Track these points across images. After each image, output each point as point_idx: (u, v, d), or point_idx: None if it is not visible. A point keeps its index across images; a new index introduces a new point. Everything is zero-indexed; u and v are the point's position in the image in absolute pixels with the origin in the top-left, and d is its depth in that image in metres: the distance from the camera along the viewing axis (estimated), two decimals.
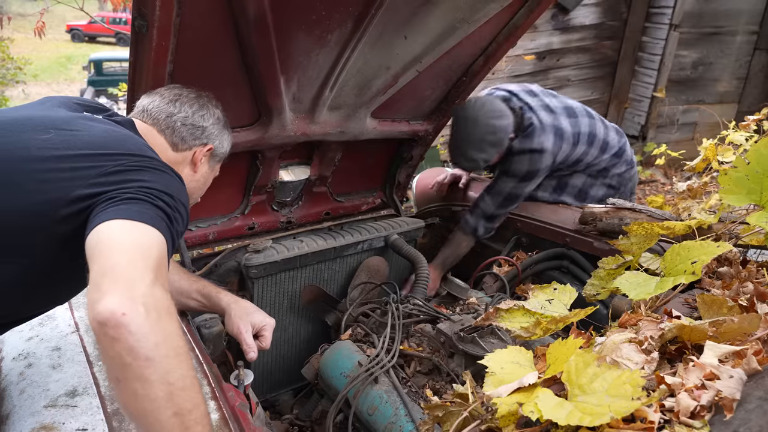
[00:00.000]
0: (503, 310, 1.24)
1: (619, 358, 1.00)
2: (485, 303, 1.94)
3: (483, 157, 2.17)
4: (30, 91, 12.97)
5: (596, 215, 2.09)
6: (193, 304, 1.57)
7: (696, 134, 6.32)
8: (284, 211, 2.31)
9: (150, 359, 0.79)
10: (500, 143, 2.15)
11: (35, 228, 0.97)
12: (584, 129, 2.28)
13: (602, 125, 2.38)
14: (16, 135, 1.03)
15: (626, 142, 2.46)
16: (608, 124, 2.45)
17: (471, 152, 2.17)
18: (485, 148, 2.15)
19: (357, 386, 1.48)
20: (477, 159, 2.18)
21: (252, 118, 1.83)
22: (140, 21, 1.30)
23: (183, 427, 0.82)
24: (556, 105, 2.32)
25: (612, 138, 2.38)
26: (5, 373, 1.26)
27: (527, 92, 2.37)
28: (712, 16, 5.91)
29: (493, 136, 2.12)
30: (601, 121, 2.40)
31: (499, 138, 2.14)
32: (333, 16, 1.56)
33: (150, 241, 0.90)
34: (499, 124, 2.13)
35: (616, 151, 2.38)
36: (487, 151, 2.16)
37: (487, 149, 2.15)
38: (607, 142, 2.36)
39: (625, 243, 1.54)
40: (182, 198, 1.05)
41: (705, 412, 0.85)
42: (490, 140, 2.13)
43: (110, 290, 0.80)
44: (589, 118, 2.34)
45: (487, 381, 0.99)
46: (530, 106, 2.26)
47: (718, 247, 1.23)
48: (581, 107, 2.40)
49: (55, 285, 1.10)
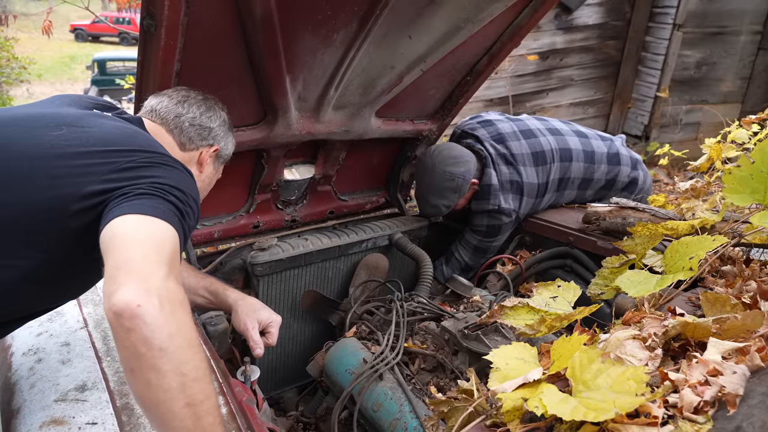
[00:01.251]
0: (508, 307, 1.25)
1: (623, 354, 1.01)
2: (489, 301, 1.95)
3: (444, 203, 2.22)
4: (34, 90, 13.00)
5: (600, 214, 2.10)
6: (201, 300, 1.59)
7: (699, 134, 6.31)
8: (289, 209, 2.32)
9: (164, 350, 0.80)
10: (459, 189, 2.19)
11: (48, 223, 0.99)
12: (554, 176, 2.31)
13: (600, 141, 2.41)
14: (28, 131, 1.05)
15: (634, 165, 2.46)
16: (626, 156, 2.45)
17: (432, 199, 2.24)
18: (445, 194, 2.20)
19: (362, 383, 1.50)
20: (438, 205, 2.24)
21: (257, 117, 1.84)
22: (149, 20, 1.32)
23: (195, 418, 0.83)
24: (523, 152, 2.29)
25: (622, 154, 2.42)
26: (15, 368, 1.28)
27: (495, 138, 2.33)
28: (716, 15, 5.90)
29: (451, 182, 2.17)
30: (599, 138, 2.43)
31: (457, 184, 2.18)
32: (339, 15, 1.58)
33: (163, 236, 0.91)
34: (456, 171, 2.17)
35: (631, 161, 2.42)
36: (448, 197, 2.21)
37: (447, 195, 2.20)
38: (618, 154, 2.39)
39: (630, 244, 1.55)
40: (193, 193, 1.07)
41: (708, 407, 0.86)
42: (449, 186, 2.18)
43: (126, 282, 0.81)
44: (579, 138, 2.37)
45: (492, 376, 1.00)
46: (492, 159, 2.27)
47: (714, 241, 1.24)
48: (568, 128, 2.42)
49: (67, 280, 1.11)
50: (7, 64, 9.02)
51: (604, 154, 2.40)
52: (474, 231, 2.32)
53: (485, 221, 2.26)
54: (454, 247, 2.41)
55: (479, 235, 2.31)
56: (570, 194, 2.42)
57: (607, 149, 2.40)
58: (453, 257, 2.40)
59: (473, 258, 2.36)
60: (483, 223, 2.27)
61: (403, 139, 2.42)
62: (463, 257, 2.37)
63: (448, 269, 2.39)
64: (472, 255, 2.36)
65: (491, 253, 2.37)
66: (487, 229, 2.27)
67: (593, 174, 2.38)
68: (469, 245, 2.35)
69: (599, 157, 2.39)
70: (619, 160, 2.41)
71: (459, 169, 2.17)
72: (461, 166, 2.18)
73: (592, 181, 2.40)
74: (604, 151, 2.41)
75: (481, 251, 2.35)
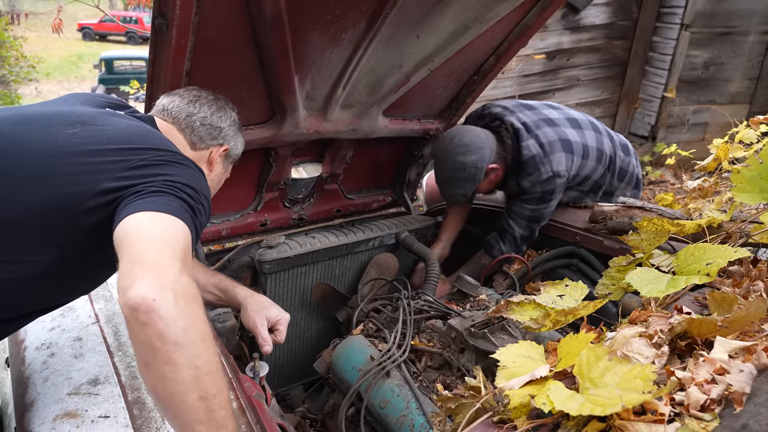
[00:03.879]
0: (514, 303, 1.26)
1: (630, 352, 1.02)
2: (495, 300, 1.96)
3: (460, 192, 2.19)
4: (42, 89, 13.09)
5: (606, 214, 2.10)
6: (210, 297, 1.60)
7: (707, 135, 6.28)
8: (296, 208, 2.34)
9: (178, 343, 0.81)
10: (473, 177, 2.13)
11: (64, 220, 1.00)
12: (591, 143, 2.22)
13: (609, 141, 2.32)
14: (44, 129, 1.07)
15: (632, 161, 2.40)
16: (615, 139, 2.38)
17: (447, 189, 2.22)
18: (458, 183, 2.16)
19: (369, 380, 1.51)
20: (454, 194, 2.21)
21: (266, 116, 1.86)
22: (160, 19, 1.33)
23: (207, 411, 0.84)
24: (558, 117, 2.25)
25: (619, 157, 2.33)
26: (29, 362, 1.30)
27: (526, 106, 2.29)
28: (725, 16, 5.87)
29: (462, 172, 2.12)
30: (608, 137, 2.33)
31: (470, 173, 2.12)
32: (347, 15, 1.59)
33: (177, 232, 0.93)
34: (466, 160, 2.11)
35: (621, 172, 2.34)
36: (462, 186, 2.16)
37: (460, 184, 2.16)
38: (614, 161, 2.30)
39: (636, 239, 1.55)
40: (204, 191, 1.08)
41: (715, 405, 0.86)
42: (462, 176, 2.13)
43: (141, 277, 0.83)
44: (595, 132, 2.28)
45: (499, 374, 1.01)
46: (527, 127, 2.17)
47: (735, 252, 1.24)
48: (586, 119, 2.34)
49: (80, 276, 1.13)
50: (16, 62, 9.08)
51: (627, 162, 2.36)
52: (525, 201, 2.20)
53: (538, 189, 2.14)
54: (505, 223, 2.29)
55: (532, 203, 2.19)
56: (600, 171, 2.27)
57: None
58: (506, 233, 2.29)
59: (528, 229, 2.25)
60: (536, 191, 2.15)
61: (410, 138, 2.43)
62: (517, 229, 2.26)
63: (506, 246, 2.30)
64: (527, 225, 2.25)
65: (545, 220, 2.25)
66: (541, 195, 2.15)
67: (615, 164, 2.33)
68: (522, 216, 2.24)
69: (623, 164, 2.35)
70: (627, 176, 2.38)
71: (470, 158, 2.10)
72: (473, 154, 2.10)
73: (613, 169, 2.33)
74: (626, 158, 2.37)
75: (535, 219, 2.23)
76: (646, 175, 6.03)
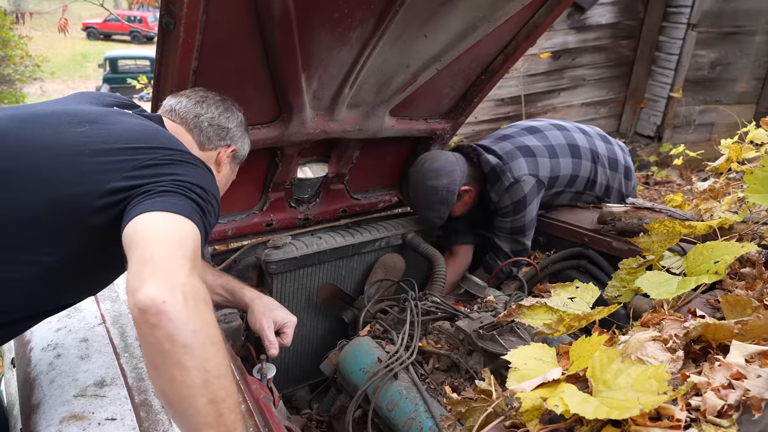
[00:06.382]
0: (526, 306, 1.25)
1: (644, 356, 1.00)
2: (503, 301, 1.94)
3: (435, 215, 2.21)
4: (47, 88, 13.12)
5: (615, 215, 2.08)
6: (217, 298, 1.59)
7: (713, 135, 6.25)
8: (302, 208, 2.33)
9: (188, 346, 0.80)
10: (446, 200, 2.17)
11: (72, 219, 0.99)
12: (557, 141, 2.26)
13: (582, 135, 2.35)
14: (52, 128, 1.06)
15: (615, 149, 2.43)
16: (590, 131, 2.41)
17: (423, 212, 2.26)
18: (433, 207, 2.19)
19: (377, 382, 1.49)
20: (430, 218, 2.24)
21: (273, 115, 1.84)
22: (168, 18, 1.33)
23: (217, 414, 0.83)
24: (513, 131, 2.33)
25: (602, 147, 2.35)
26: (35, 363, 1.29)
27: (493, 135, 2.39)
28: (731, 15, 5.83)
29: (435, 196, 2.16)
30: (580, 131, 2.36)
31: (442, 197, 2.16)
32: (355, 13, 1.57)
33: (186, 233, 0.92)
34: (437, 184, 2.15)
35: (610, 162, 2.36)
36: (438, 209, 2.19)
37: (436, 208, 2.19)
38: (596, 152, 2.32)
39: (647, 241, 1.54)
40: (214, 191, 1.07)
41: (732, 411, 0.85)
42: (435, 200, 2.17)
43: (150, 279, 0.82)
44: (560, 131, 2.32)
45: (511, 376, 1.00)
46: (485, 146, 2.26)
47: (742, 248, 1.23)
48: (546, 123, 2.39)
49: (87, 276, 1.12)
50: (21, 61, 9.08)
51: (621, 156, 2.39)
52: (501, 215, 2.23)
53: (507, 200, 2.17)
54: (493, 243, 2.31)
55: (508, 215, 2.20)
56: (600, 171, 2.31)
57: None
58: (499, 250, 2.30)
59: (515, 242, 2.25)
60: (506, 202, 2.17)
61: (417, 138, 2.42)
62: (505, 245, 2.27)
63: (502, 261, 2.30)
64: (512, 239, 2.25)
65: (529, 230, 2.24)
66: (514, 207, 2.17)
67: (618, 162, 2.36)
68: (503, 230, 2.25)
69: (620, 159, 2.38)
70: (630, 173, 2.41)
71: (441, 182, 2.15)
72: (443, 178, 2.16)
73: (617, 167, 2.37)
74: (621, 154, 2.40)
75: (517, 231, 2.23)
76: (651, 175, 6.00)
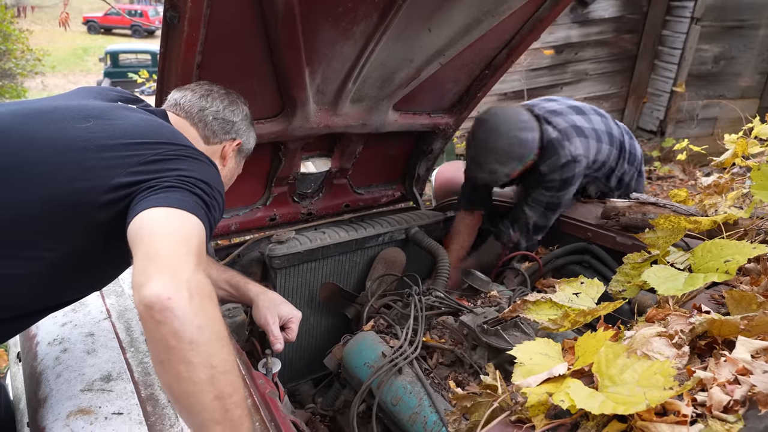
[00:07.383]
0: (530, 302, 1.25)
1: (650, 351, 1.00)
2: (507, 297, 1.94)
3: (505, 171, 2.06)
4: (48, 82, 13.11)
5: (619, 210, 2.08)
6: (222, 293, 1.59)
7: (716, 129, 6.23)
8: (305, 202, 2.33)
9: (194, 342, 0.80)
10: (523, 158, 2.04)
11: (77, 215, 0.99)
12: (599, 126, 2.19)
13: (615, 125, 2.29)
14: (55, 123, 1.06)
15: (635, 145, 2.37)
16: (620, 124, 2.36)
17: (493, 165, 2.06)
18: (508, 161, 2.04)
19: (381, 377, 1.50)
20: (498, 172, 2.07)
21: (276, 110, 1.84)
22: (172, 12, 1.32)
23: (223, 410, 0.84)
24: (560, 107, 2.21)
25: (627, 142, 2.31)
26: (41, 358, 1.29)
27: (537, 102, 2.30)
28: (735, 9, 5.80)
29: (519, 148, 2.02)
30: (613, 121, 2.31)
31: (523, 153, 2.03)
32: (359, 8, 1.57)
33: (191, 228, 0.92)
34: (524, 136, 2.02)
35: (630, 156, 2.32)
36: (510, 164, 2.05)
37: (509, 163, 2.04)
38: (623, 144, 2.28)
39: (651, 237, 1.53)
40: (218, 186, 1.07)
41: (738, 406, 0.85)
42: (516, 153, 2.02)
43: (156, 275, 0.82)
44: (600, 117, 2.25)
45: (516, 371, 1.00)
46: (543, 116, 2.14)
47: (755, 249, 1.22)
48: (588, 106, 2.31)
49: (93, 271, 1.12)
50: (21, 55, 9.06)
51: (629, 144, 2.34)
52: (544, 187, 2.11)
53: (557, 176, 2.07)
54: (520, 210, 2.21)
55: (551, 190, 2.10)
56: (614, 155, 2.24)
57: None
58: (519, 219, 2.21)
59: (543, 216, 2.17)
60: (555, 177, 2.07)
61: (420, 133, 2.41)
62: (532, 216, 2.18)
63: (516, 232, 2.23)
64: (543, 213, 2.17)
65: (562, 208, 2.18)
66: (561, 183, 2.08)
67: (625, 148, 2.30)
68: (539, 202, 2.15)
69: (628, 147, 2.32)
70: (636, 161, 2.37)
71: (528, 135, 2.01)
72: (530, 132, 2.01)
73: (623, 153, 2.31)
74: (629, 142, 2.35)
75: (552, 207, 2.15)
76: (654, 170, 5.99)
